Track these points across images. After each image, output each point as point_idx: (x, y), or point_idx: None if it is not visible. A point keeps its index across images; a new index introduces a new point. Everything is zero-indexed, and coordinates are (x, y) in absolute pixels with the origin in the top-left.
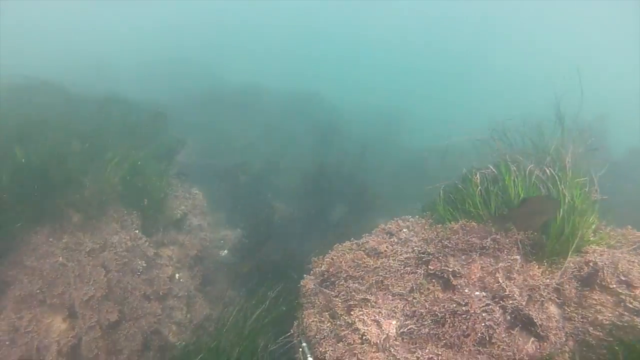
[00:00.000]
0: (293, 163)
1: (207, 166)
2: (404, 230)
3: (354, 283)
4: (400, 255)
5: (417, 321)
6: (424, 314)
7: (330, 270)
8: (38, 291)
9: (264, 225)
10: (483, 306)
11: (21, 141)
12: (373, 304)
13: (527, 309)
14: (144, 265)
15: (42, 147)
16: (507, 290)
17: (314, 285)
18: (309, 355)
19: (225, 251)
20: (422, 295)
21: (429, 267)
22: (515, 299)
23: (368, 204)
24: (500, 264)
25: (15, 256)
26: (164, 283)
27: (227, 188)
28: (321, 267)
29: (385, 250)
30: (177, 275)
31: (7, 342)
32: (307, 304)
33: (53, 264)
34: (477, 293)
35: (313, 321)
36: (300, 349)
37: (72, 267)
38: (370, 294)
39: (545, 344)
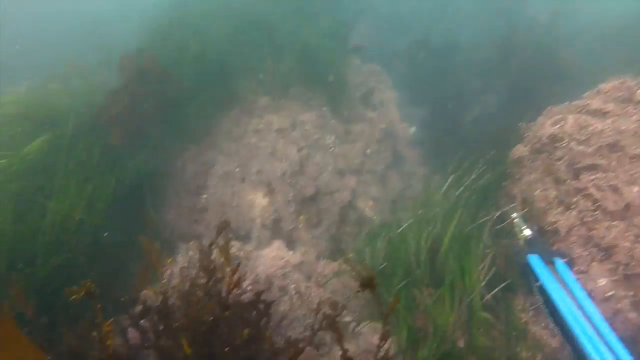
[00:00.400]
0: (474, 38)
1: (383, 44)
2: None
3: (578, 146)
4: (634, 115)
5: None
6: None
7: (546, 134)
8: (237, 169)
9: (453, 100)
10: None
11: (197, 32)
12: (605, 168)
13: None
14: (335, 141)
15: (219, 35)
16: None
17: (528, 151)
18: (524, 227)
19: (414, 128)
20: None
21: None
22: None
23: (565, 75)
24: None
25: (212, 139)
26: (356, 158)
27: (408, 66)
28: (533, 131)
29: (614, 110)
30: (367, 150)
31: (217, 215)
32: (523, 172)
33: (247, 145)
34: None
35: (533, 189)
36: (515, 220)
37: (265, 146)
38: (601, 157)
39: None
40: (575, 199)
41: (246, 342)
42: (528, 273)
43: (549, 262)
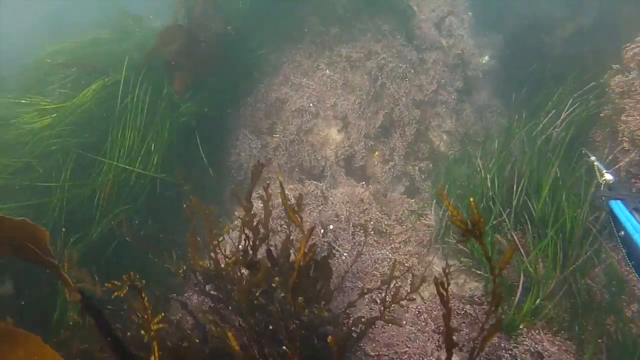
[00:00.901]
0: None
1: None
2: None
3: None
4: None
5: None
6: None
7: None
8: (311, 105)
9: (535, 26)
10: None
11: None
12: None
13: None
14: (411, 70)
15: None
16: None
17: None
18: (604, 170)
19: (487, 57)
20: None
21: None
22: None
23: None
24: None
25: (283, 75)
26: (431, 88)
27: None
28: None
29: None
30: (442, 80)
31: (290, 153)
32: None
33: (320, 77)
34: None
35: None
36: (595, 163)
37: (337, 78)
38: None
39: None
40: None
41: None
42: (610, 221)
43: (635, 209)
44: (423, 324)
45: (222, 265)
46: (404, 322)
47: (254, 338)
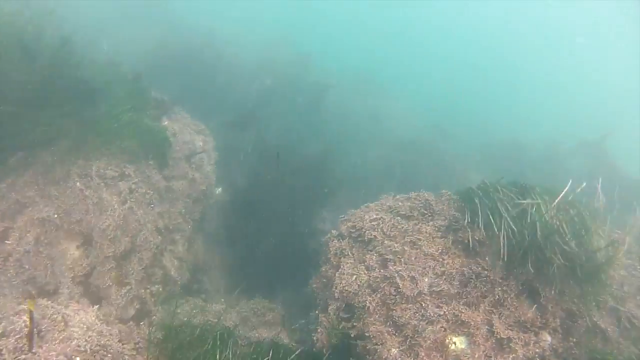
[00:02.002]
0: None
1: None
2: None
3: (390, 241)
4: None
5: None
6: (453, 274)
7: (361, 227)
8: (55, 216)
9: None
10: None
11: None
12: (407, 261)
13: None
14: (158, 197)
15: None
16: None
17: (344, 241)
18: None
19: (220, 189)
20: (451, 258)
21: (458, 235)
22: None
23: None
24: None
25: (31, 176)
26: (175, 217)
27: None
28: (349, 224)
29: (417, 215)
30: (183, 210)
31: (24, 265)
32: (339, 258)
33: (72, 189)
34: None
35: (348, 274)
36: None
37: (90, 194)
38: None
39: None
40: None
41: None
42: None
43: None
44: None
45: None
46: None
47: None
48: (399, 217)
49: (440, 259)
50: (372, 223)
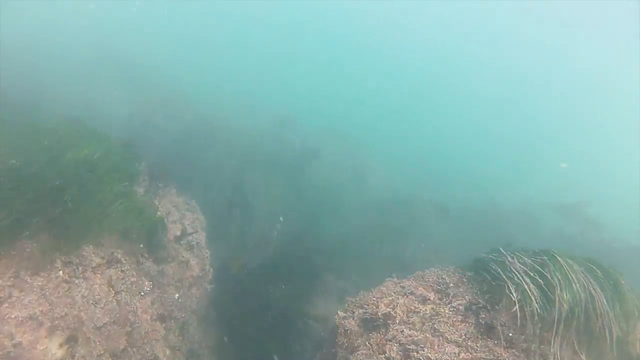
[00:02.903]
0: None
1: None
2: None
3: (409, 329)
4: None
5: None
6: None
7: (375, 312)
8: (39, 313)
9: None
10: None
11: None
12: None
13: None
14: (151, 285)
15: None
16: None
17: (354, 325)
18: None
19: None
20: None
21: (480, 316)
22: None
23: None
24: None
25: (9, 265)
26: (170, 305)
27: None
28: (359, 309)
29: (433, 297)
30: (176, 295)
31: None
32: (354, 346)
33: (55, 280)
34: None
35: None
36: None
37: (78, 284)
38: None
39: None
40: None
41: None
42: None
43: None
44: None
45: None
46: None
47: None
48: (414, 299)
49: (465, 345)
50: (387, 308)
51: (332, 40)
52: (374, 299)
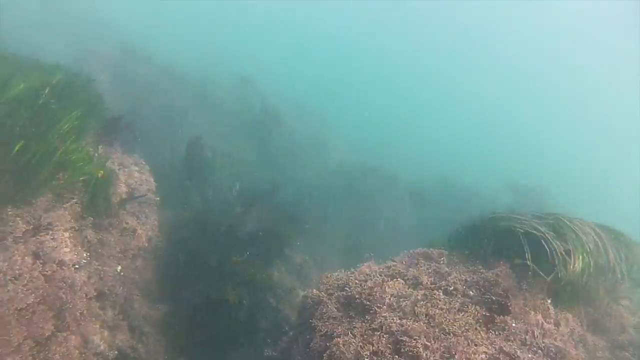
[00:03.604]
0: None
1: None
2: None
3: (399, 317)
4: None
5: None
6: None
7: (358, 293)
8: None
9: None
10: None
11: None
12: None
13: None
14: (87, 255)
15: None
16: None
17: (334, 307)
18: None
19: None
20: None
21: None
22: None
23: None
24: None
25: None
26: (110, 280)
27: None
28: (340, 287)
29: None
30: (118, 268)
31: None
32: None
33: None
34: None
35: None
36: None
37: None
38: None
39: None
40: None
41: None
42: None
43: None
44: None
45: None
46: None
47: None
48: (403, 282)
49: (464, 337)
50: (371, 290)
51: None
52: (356, 280)
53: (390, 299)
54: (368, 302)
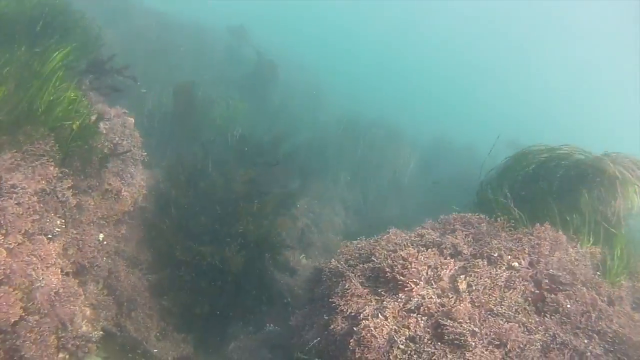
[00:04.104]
0: None
1: None
2: None
3: (437, 296)
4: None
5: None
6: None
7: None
8: None
9: None
10: None
11: None
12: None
13: None
14: (62, 222)
15: None
16: None
17: (358, 282)
18: None
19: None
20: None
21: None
22: None
23: None
24: None
25: None
26: (90, 250)
27: None
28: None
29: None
30: (100, 236)
31: None
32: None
33: None
34: None
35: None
36: None
37: None
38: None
39: None
40: None
41: None
42: None
43: None
44: None
45: None
46: None
47: None
48: (439, 253)
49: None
50: (405, 261)
51: None
52: (384, 251)
53: (428, 272)
54: (402, 278)
